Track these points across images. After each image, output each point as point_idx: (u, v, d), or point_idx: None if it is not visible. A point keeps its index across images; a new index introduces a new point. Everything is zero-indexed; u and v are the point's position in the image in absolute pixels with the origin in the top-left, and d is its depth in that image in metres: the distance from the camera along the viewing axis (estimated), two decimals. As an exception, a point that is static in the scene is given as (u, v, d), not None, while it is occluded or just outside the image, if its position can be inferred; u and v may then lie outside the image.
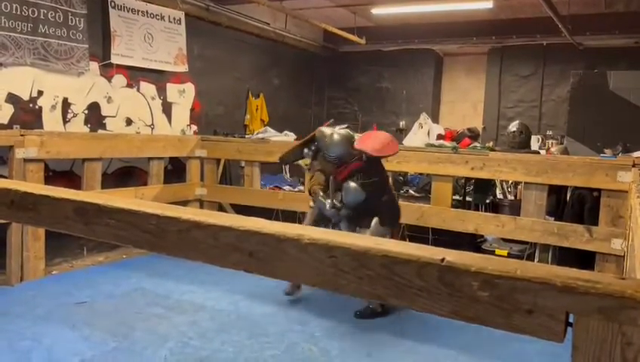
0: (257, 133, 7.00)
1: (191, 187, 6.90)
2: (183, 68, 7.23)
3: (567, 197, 5.50)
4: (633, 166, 4.69)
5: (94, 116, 6.13)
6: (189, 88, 7.38)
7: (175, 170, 6.94)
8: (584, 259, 5.14)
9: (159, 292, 4.81)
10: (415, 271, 0.82)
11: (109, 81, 6.29)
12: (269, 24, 8.70)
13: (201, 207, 6.97)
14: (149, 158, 6.32)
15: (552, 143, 8.13)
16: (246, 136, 7.46)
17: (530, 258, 5.49)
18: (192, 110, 7.44)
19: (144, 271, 5.31)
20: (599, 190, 4.84)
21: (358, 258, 0.86)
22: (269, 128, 7.09)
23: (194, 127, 7.43)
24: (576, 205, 5.16)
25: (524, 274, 0.75)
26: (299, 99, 10.03)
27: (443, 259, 0.80)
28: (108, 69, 6.27)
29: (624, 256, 4.33)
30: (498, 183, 6.49)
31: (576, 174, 4.87)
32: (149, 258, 5.42)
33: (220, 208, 7.31)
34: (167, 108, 7.08)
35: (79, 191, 1.38)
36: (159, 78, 6.94)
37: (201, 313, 4.32)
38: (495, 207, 6.97)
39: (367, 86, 10.48)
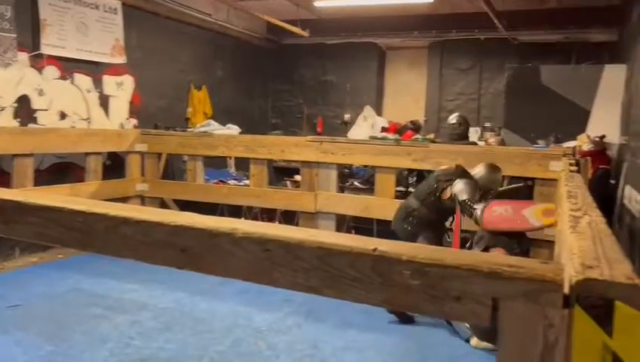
0: (200, 127, 6.86)
1: (131, 183, 6.70)
2: (120, 59, 6.97)
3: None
4: (564, 156, 4.93)
5: (24, 109, 5.80)
6: (128, 80, 7.12)
7: (114, 166, 6.69)
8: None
9: (98, 292, 4.64)
10: (349, 261, 0.82)
11: (40, 72, 5.97)
12: (210, 15, 8.52)
13: (143, 203, 6.78)
14: (86, 153, 6.07)
15: (490, 135, 8.43)
16: (188, 129, 7.30)
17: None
18: (131, 103, 7.18)
19: (82, 271, 5.11)
20: (533, 179, 5.06)
21: (292, 250, 0.85)
22: (212, 121, 6.97)
23: (133, 121, 7.18)
24: (512, 195, 5.37)
25: (453, 261, 0.76)
26: (243, 92, 9.90)
27: (375, 249, 0.81)
28: (38, 60, 5.95)
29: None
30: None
31: (512, 164, 5.07)
32: (88, 257, 5.21)
33: (163, 204, 7.14)
34: (104, 101, 6.81)
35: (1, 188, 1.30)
36: (95, 69, 6.66)
37: (143, 312, 4.20)
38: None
39: (312, 79, 10.48)
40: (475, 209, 4.13)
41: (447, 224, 4.78)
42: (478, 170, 4.48)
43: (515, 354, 0.74)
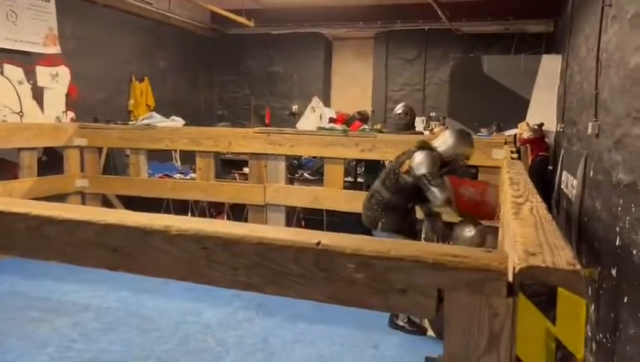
0: (142, 119, 6.62)
1: (70, 179, 6.39)
2: (54, 49, 6.62)
3: (449, 175, 5.83)
4: (505, 144, 5.08)
5: (-51, 103, 5.43)
6: (64, 72, 6.78)
7: (51, 161, 6.38)
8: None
9: (36, 295, 4.41)
10: (291, 256, 0.78)
11: (-34, 63, 5.59)
12: (151, 4, 8.23)
13: (83, 199, 6.50)
14: (19, 149, 5.74)
15: (435, 124, 8.58)
16: (130, 122, 7.03)
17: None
18: (67, 95, 6.85)
19: (18, 272, 4.84)
20: (476, 167, 5.18)
21: (231, 247, 0.81)
22: (154, 114, 6.73)
23: (71, 114, 6.86)
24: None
25: (397, 253, 0.74)
26: (187, 83, 9.65)
27: (319, 243, 0.77)
28: (-37, 50, 5.57)
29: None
30: (387, 163, 6.73)
31: (457, 153, 5.16)
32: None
33: (105, 200, 6.87)
34: (38, 94, 6.45)
35: None
36: (27, 60, 6.30)
37: (85, 313, 4.03)
38: (385, 187, 7.22)
39: (258, 69, 10.34)
40: (432, 186, 3.66)
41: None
42: (443, 139, 3.98)
43: (461, 344, 0.73)
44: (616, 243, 2.55)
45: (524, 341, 0.70)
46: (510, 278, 0.71)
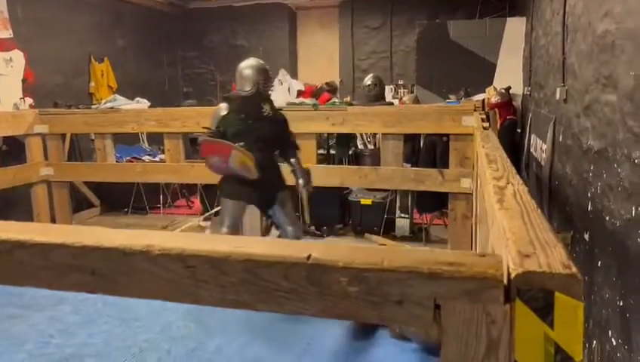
0: (105, 103, 6.41)
1: (33, 168, 6.19)
2: (6, 33, 6.30)
3: (421, 145, 5.87)
4: (475, 110, 5.11)
5: None
6: (18, 56, 6.47)
7: (12, 151, 6.15)
8: (439, 199, 5.59)
9: (11, 291, 4.30)
10: (281, 272, 0.76)
11: None
12: (105, -20, 7.89)
13: (50, 188, 6.32)
14: (-23, 140, 5.52)
15: (403, 92, 8.57)
16: (93, 106, 6.80)
17: (393, 203, 5.83)
18: (24, 81, 6.56)
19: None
20: (448, 135, 5.21)
21: (217, 265, 0.78)
22: (118, 96, 6.53)
23: (29, 101, 6.58)
24: (429, 151, 5.53)
25: (391, 264, 0.72)
26: (149, 62, 9.36)
27: (309, 257, 0.75)
28: None
29: (473, 194, 4.74)
30: (358, 135, 6.71)
31: (427, 122, 5.18)
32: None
33: (73, 188, 6.69)
34: (-8, 81, 6.17)
35: None
36: (-23, 45, 5.99)
37: (61, 306, 3.95)
38: (357, 158, 7.24)
39: (222, 44, 10.09)
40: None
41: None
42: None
43: (459, 353, 0.72)
44: (588, 209, 2.61)
45: (522, 346, 0.70)
46: (505, 281, 0.71)
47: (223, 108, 3.86)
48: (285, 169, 4.24)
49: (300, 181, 4.14)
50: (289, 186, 4.24)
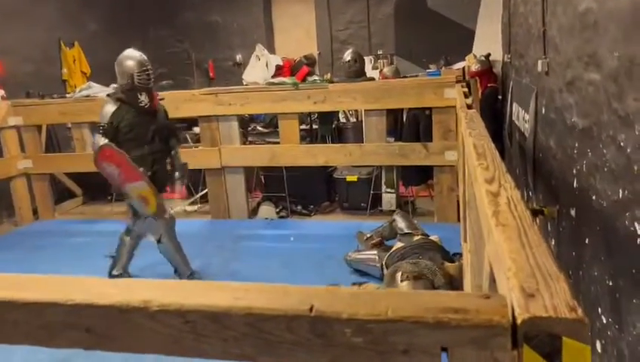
0: (80, 91, 6.24)
1: (11, 161, 6.06)
2: (-31, 23, 6.06)
3: (404, 118, 5.85)
4: (457, 82, 5.08)
5: None
6: (-16, 46, 6.25)
7: (-14, 146, 5.99)
8: (424, 172, 5.61)
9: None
10: (284, 325, 0.74)
11: None
12: (69, -40, 7.58)
13: (29, 181, 6.20)
14: (-51, 137, 5.36)
15: (383, 63, 8.49)
16: (68, 95, 6.63)
17: (378, 179, 5.83)
18: (-7, 72, 6.36)
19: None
20: (430, 108, 5.20)
21: (218, 319, 0.76)
22: (92, 83, 6.35)
23: (0, 92, 6.38)
24: (412, 125, 5.52)
25: (395, 313, 0.71)
26: (122, 44, 8.96)
27: (312, 309, 0.73)
28: None
29: (459, 166, 4.75)
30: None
31: (410, 96, 5.16)
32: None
33: (53, 179, 6.58)
34: (-41, 74, 5.96)
35: None
36: (-60, 38, 5.75)
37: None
38: (340, 131, 7.21)
39: (196, 21, 9.84)
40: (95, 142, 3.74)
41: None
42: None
43: (467, 397, 0.72)
44: (574, 185, 2.63)
45: (531, 390, 0.69)
46: (511, 324, 0.70)
47: (109, 103, 3.82)
48: None
49: (177, 173, 4.20)
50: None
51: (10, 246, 5.47)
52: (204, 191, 6.19)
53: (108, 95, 3.94)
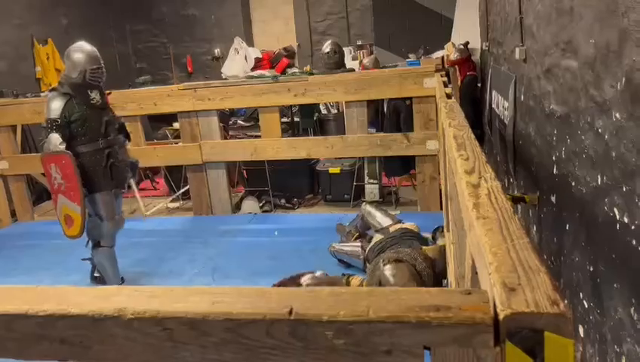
0: (55, 89, 6.10)
1: (-14, 163, 5.92)
2: (-63, 21, 5.88)
3: (385, 108, 5.85)
4: (436, 72, 5.09)
5: None
6: (-47, 45, 6.08)
7: (-40, 148, 5.85)
8: (406, 162, 5.62)
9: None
10: (263, 330, 0.73)
11: None
12: (39, -46, 7.40)
13: (6, 183, 6.08)
14: None
15: (363, 54, 8.47)
16: (42, 93, 6.49)
17: (361, 170, 5.83)
18: (-37, 72, 6.19)
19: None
20: (411, 98, 5.20)
21: (196, 326, 0.74)
22: (67, 81, 6.21)
23: (-28, 92, 6.24)
24: (393, 116, 5.52)
25: (377, 314, 0.70)
26: (97, 39, 8.83)
27: (291, 312, 0.72)
28: None
29: (440, 155, 4.77)
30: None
31: (390, 86, 5.15)
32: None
33: (31, 180, 6.46)
34: None
35: None
36: None
37: None
38: (322, 123, 7.19)
39: (173, 15, 9.70)
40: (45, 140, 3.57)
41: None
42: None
43: (451, 396, 0.71)
44: (554, 172, 2.65)
45: (514, 386, 0.69)
46: (493, 321, 0.69)
47: (57, 96, 3.66)
48: None
49: (129, 172, 4.13)
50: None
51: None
52: (186, 188, 6.13)
53: (53, 88, 3.77)
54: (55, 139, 3.52)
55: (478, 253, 0.95)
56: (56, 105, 3.59)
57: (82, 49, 3.75)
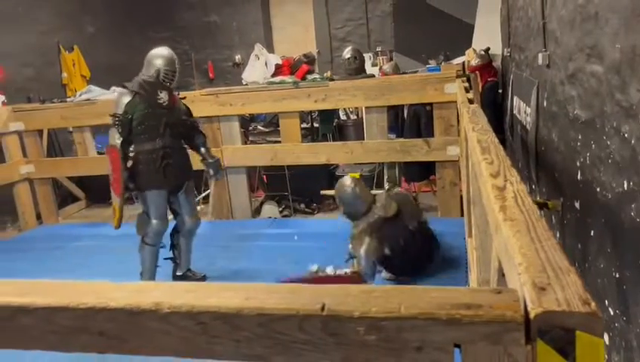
0: (80, 94, 6.24)
1: (13, 167, 6.06)
2: (-32, 29, 6.06)
3: (405, 113, 5.84)
4: (457, 77, 5.07)
5: None
6: (-16, 53, 6.25)
7: (-12, 151, 6.01)
8: (426, 168, 5.61)
9: None
10: (296, 325, 0.74)
11: None
12: (67, -35, 7.58)
13: (32, 186, 6.21)
14: (-49, 144, 5.36)
15: (383, 60, 8.48)
16: (68, 99, 6.63)
17: (380, 175, 5.83)
18: (-7, 78, 6.36)
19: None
20: (431, 104, 5.19)
21: (229, 321, 0.76)
22: (92, 87, 6.35)
23: (1, 98, 6.39)
24: (413, 121, 5.51)
25: (408, 311, 0.71)
26: (121, 47, 9.09)
27: (323, 308, 0.73)
28: None
29: (461, 161, 4.75)
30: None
31: (410, 92, 5.15)
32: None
33: (55, 183, 6.59)
34: (-40, 81, 5.96)
35: None
36: (-60, 45, 5.76)
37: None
38: (341, 129, 7.21)
39: (195, 22, 9.83)
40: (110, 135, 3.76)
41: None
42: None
43: (481, 393, 0.72)
44: (578, 178, 2.63)
45: (545, 384, 0.69)
46: (524, 319, 0.70)
47: (124, 93, 3.85)
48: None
49: (211, 171, 4.25)
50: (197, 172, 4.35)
51: (16, 251, 5.47)
52: (207, 192, 6.19)
53: (124, 85, 3.94)
54: (114, 133, 3.70)
55: (506, 255, 0.96)
56: (121, 101, 3.77)
57: (162, 53, 3.98)
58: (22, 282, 0.89)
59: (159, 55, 3.94)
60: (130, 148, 3.76)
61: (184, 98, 4.20)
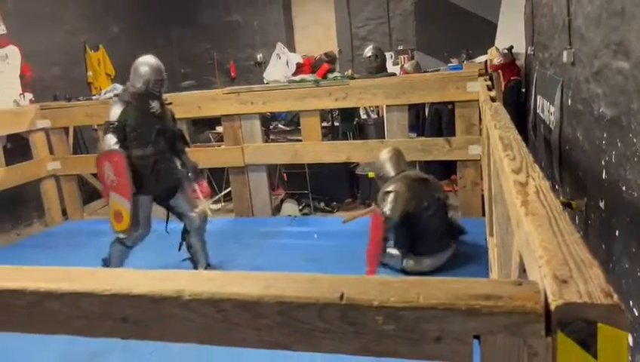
0: (105, 93, 6.36)
1: (41, 163, 6.20)
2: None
3: (426, 112, 5.81)
4: (479, 76, 5.03)
5: None
6: (13, 52, 6.39)
7: (17, 148, 6.14)
8: (447, 167, 5.57)
9: None
10: (315, 313, 0.75)
11: None
12: (92, -35, 7.71)
13: (58, 183, 6.34)
14: (-21, 140, 5.51)
15: (404, 59, 8.44)
16: (93, 97, 6.75)
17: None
18: (22, 76, 6.50)
19: None
20: (453, 103, 5.15)
21: (250, 308, 0.77)
22: (117, 85, 6.45)
23: (29, 96, 6.53)
24: (434, 120, 5.48)
25: (427, 301, 0.71)
26: (144, 45, 9.14)
27: (342, 297, 0.74)
28: None
29: (483, 160, 4.70)
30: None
31: (432, 90, 5.12)
32: None
33: (81, 180, 6.72)
34: (-11, 79, 6.11)
35: None
36: (-29, 44, 5.91)
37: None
38: (361, 127, 7.19)
39: (217, 21, 9.91)
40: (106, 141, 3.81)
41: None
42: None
43: (501, 385, 0.72)
44: (603, 177, 2.58)
45: (565, 377, 0.69)
46: (545, 311, 0.69)
47: (118, 102, 3.96)
48: None
49: (190, 175, 4.29)
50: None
51: (42, 245, 5.60)
52: (228, 190, 6.24)
53: (116, 95, 4.13)
54: (110, 140, 3.79)
55: (527, 249, 0.95)
56: (116, 111, 3.88)
57: (148, 62, 4.06)
58: (49, 269, 0.92)
59: (146, 64, 4.04)
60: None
61: (170, 103, 4.28)
